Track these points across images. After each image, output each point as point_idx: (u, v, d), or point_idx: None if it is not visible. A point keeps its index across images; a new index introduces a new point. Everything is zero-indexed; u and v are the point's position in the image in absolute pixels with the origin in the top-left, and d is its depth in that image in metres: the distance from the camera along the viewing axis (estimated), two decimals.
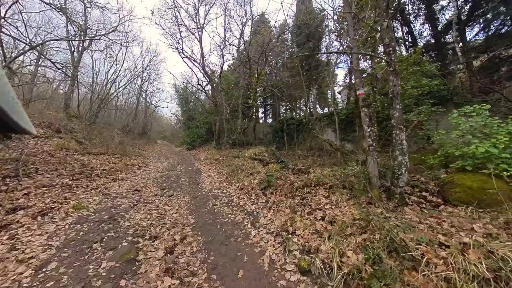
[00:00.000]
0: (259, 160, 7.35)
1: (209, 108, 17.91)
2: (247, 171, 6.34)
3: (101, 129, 13.20)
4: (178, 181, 6.49)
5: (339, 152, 5.48)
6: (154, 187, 5.86)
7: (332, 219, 3.09)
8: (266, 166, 7.04)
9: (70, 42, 12.47)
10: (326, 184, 4.38)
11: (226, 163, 7.80)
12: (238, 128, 13.45)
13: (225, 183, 6.05)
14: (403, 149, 3.38)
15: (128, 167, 8.34)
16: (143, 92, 21.41)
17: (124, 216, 3.76)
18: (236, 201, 4.57)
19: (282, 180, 4.88)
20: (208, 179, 6.69)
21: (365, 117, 3.76)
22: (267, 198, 4.42)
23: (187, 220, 3.69)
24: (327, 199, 3.78)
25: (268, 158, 7.84)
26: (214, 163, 8.93)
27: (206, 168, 8.44)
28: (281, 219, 3.45)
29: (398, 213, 3.11)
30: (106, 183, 5.83)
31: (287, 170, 6.43)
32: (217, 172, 7.39)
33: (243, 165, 6.81)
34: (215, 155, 10.29)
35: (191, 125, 18.87)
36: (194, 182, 6.35)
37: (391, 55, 3.52)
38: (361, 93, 3.83)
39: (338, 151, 5.57)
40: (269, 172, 6.00)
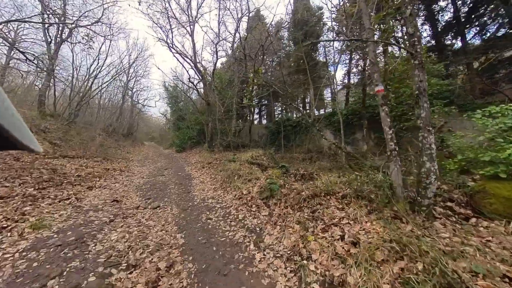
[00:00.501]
0: (257, 165, 6.82)
1: (201, 108, 17.22)
2: (245, 177, 5.80)
3: (80, 129, 12.21)
4: (165, 189, 5.83)
5: (349, 156, 5.04)
6: (137, 197, 5.18)
7: (354, 239, 2.61)
8: (265, 171, 6.52)
9: (45, 31, 11.49)
10: (338, 193, 3.92)
11: (220, 167, 7.21)
12: (233, 129, 12.88)
13: (220, 191, 5.46)
14: (432, 154, 2.97)
15: (109, 172, 7.55)
16: (129, 90, 20.39)
17: (96, 236, 3.11)
18: (234, 213, 4.01)
19: (286, 188, 4.37)
20: (200, 186, 6.07)
21: (385, 116, 3.34)
22: (270, 210, 3.89)
23: (175, 240, 3.09)
24: (342, 212, 3.30)
25: (267, 162, 7.33)
26: (206, 167, 8.30)
27: (198, 173, 7.80)
28: (290, 238, 2.93)
29: (431, 230, 2.67)
30: (80, 193, 5.09)
31: (289, 176, 5.93)
32: (211, 178, 6.78)
33: (239, 170, 6.26)
34: (207, 159, 9.66)
35: (182, 126, 18.09)
36: (184, 190, 5.72)
37: (416, 46, 3.13)
38: (380, 89, 3.42)
39: (348, 155, 5.13)
40: (269, 178, 5.49)
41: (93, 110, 18.53)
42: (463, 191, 3.49)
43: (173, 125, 23.98)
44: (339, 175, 5.58)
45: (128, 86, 19.13)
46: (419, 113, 3.07)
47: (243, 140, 11.59)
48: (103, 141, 11.83)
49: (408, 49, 3.15)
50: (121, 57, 17.21)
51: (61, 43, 12.27)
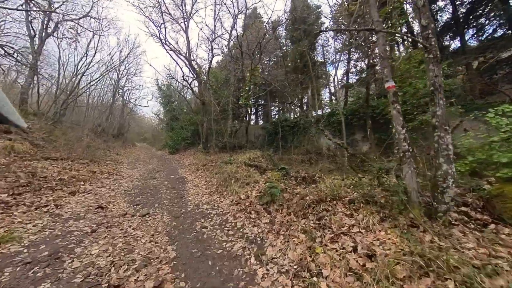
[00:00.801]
0: (255, 167, 6.54)
1: (196, 107, 16.84)
2: (242, 180, 5.50)
3: (66, 129, 11.64)
4: (156, 194, 5.46)
5: (354, 158, 4.82)
6: (124, 203, 4.80)
7: (369, 250, 2.35)
8: (264, 173, 6.24)
9: (29, 25, 10.94)
10: (344, 198, 3.67)
11: (216, 170, 6.89)
12: (228, 129, 12.56)
13: (215, 195, 5.14)
14: (450, 156, 2.76)
15: (95, 175, 7.11)
16: (120, 89, 19.78)
17: (74, 250, 2.75)
18: (232, 221, 3.71)
19: (288, 193, 4.10)
20: (194, 190, 5.73)
21: (397, 115, 3.12)
22: (271, 217, 3.60)
23: (166, 253, 2.77)
24: (351, 219, 3.05)
25: (265, 164, 7.06)
26: (201, 169, 7.96)
27: (192, 176, 7.45)
28: (296, 250, 2.65)
29: (452, 240, 2.45)
30: (60, 199, 4.68)
31: (289, 179, 5.68)
32: (205, 181, 6.45)
33: (236, 172, 5.96)
34: (202, 160, 9.31)
35: (175, 126, 17.64)
36: (177, 195, 5.37)
37: (430, 39, 2.93)
38: (391, 85, 3.20)
39: (353, 157, 4.91)
40: (269, 181, 5.21)
41: (82, 109, 17.87)
42: (477, 195, 3.30)
43: (166, 126, 23.46)
44: (343, 177, 5.36)
45: (119, 85, 18.56)
46: (435, 110, 2.87)
47: (239, 141, 11.29)
48: (90, 142, 11.30)
49: (422, 43, 2.95)
50: (111, 53, 16.64)
51: (46, 37, 11.72)
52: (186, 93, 20.81)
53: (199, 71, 12.78)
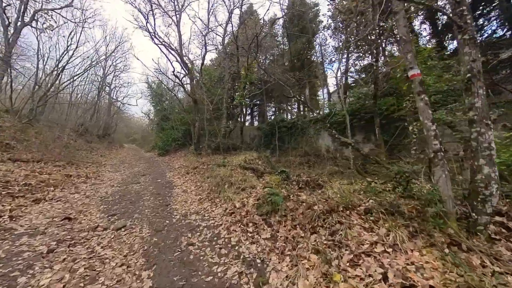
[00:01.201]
0: (251, 170, 5.98)
1: (188, 106, 16.17)
2: (238, 185, 4.94)
3: (41, 128, 10.75)
4: (138, 201, 4.82)
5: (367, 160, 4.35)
6: (98, 212, 4.15)
7: (405, 279, 1.84)
8: (261, 177, 5.70)
9: (2, 12, 10.08)
10: (358, 206, 3.18)
11: (208, 173, 6.30)
12: (222, 130, 11.97)
13: (206, 203, 4.55)
14: (492, 156, 2.30)
15: (70, 179, 6.38)
16: (107, 86, 18.88)
17: (16, 281, 2.11)
18: (225, 236, 3.13)
19: (292, 201, 3.57)
20: (182, 196, 5.11)
21: (425, 107, 2.65)
22: (273, 231, 3.06)
23: (139, 283, 2.17)
24: (372, 234, 2.55)
25: (263, 167, 6.52)
26: (191, 173, 7.34)
27: (181, 180, 6.82)
28: (307, 277, 2.11)
29: (506, 262, 1.97)
30: (20, 208, 3.98)
31: (290, 184, 5.15)
32: (196, 186, 5.84)
33: (231, 176, 5.39)
34: (193, 163, 8.68)
35: (166, 127, 16.90)
36: (162, 202, 4.74)
37: (465, 16, 2.49)
38: (416, 73, 2.74)
39: (370, 159, 4.44)
40: (268, 186, 4.67)
41: (64, 107, 16.88)
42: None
43: (156, 126, 22.66)
44: (350, 182, 4.90)
45: (105, 81, 17.69)
46: (472, 102, 2.41)
47: (234, 142, 10.71)
48: (70, 142, 10.47)
49: (455, 21, 2.50)
50: (96, 47, 15.77)
51: (22, 27, 10.86)
52: (177, 91, 20.14)
53: (191, 68, 12.18)
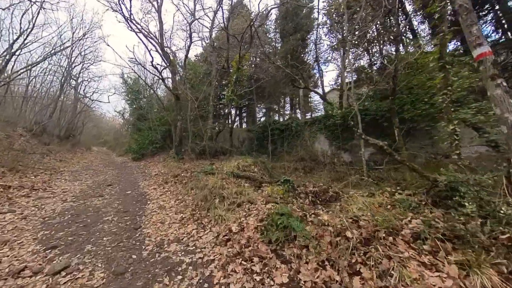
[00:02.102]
0: (246, 179, 5.11)
1: (169, 104, 14.96)
2: (232, 199, 4.04)
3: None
4: (95, 224, 3.71)
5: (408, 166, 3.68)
6: (34, 243, 3.02)
7: None
8: (260, 188, 4.85)
9: None
10: (401, 229, 2.46)
11: (193, 183, 5.31)
12: (209, 131, 10.98)
13: (191, 225, 3.59)
14: None
15: (7, 192, 5.05)
16: (73, 79, 16.98)
17: None
18: (220, 280, 2.22)
19: (311, 223, 2.76)
20: (157, 216, 4.09)
21: (504, 96, 2.00)
22: (291, 270, 2.20)
23: None
24: (439, 274, 1.81)
25: (260, 175, 5.67)
26: (171, 182, 6.28)
27: (158, 191, 5.74)
28: None
29: None
30: None
31: (298, 196, 4.36)
32: (176, 200, 4.83)
33: (222, 187, 4.47)
34: (173, 169, 7.60)
35: (142, 127, 15.48)
36: (129, 225, 3.69)
37: None
38: (486, 51, 2.10)
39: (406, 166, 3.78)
40: (271, 200, 3.84)
41: (20, 102, 14.79)
42: None
43: (132, 126, 21.00)
44: (370, 193, 4.23)
45: (70, 73, 15.84)
46: None
47: (223, 145, 9.76)
48: (15, 143, 8.85)
49: None
50: (60, 32, 13.99)
51: None
52: (157, 88, 18.77)
53: (173, 60, 11.11)
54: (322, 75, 15.57)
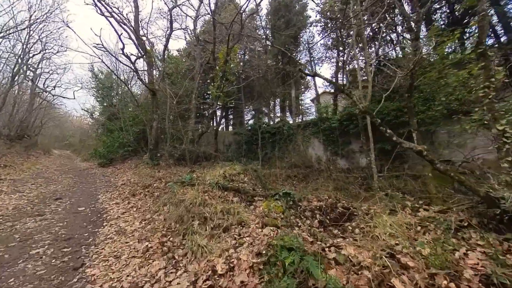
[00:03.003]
0: (235, 192, 4.26)
1: (144, 102, 13.76)
2: (217, 220, 3.19)
3: None
4: (13, 263, 2.66)
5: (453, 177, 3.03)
6: None
7: None
8: (252, 204, 4.03)
9: None
10: (462, 269, 1.78)
11: (166, 196, 4.36)
12: (190, 133, 9.99)
13: (157, 261, 2.66)
14: None
15: None
16: (30, 70, 15.15)
17: None
18: None
19: (339, 265, 1.98)
20: (113, 246, 3.10)
21: None
22: None
23: None
24: None
25: (251, 186, 4.85)
26: (140, 195, 5.26)
27: (120, 207, 4.69)
28: None
29: None
30: None
31: (301, 214, 3.59)
32: (143, 220, 3.85)
33: (204, 204, 3.59)
34: (145, 178, 6.54)
35: (113, 128, 14.08)
36: (67, 263, 2.68)
37: None
38: None
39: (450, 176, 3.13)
40: (270, 222, 3.05)
41: None
42: None
43: (102, 127, 19.34)
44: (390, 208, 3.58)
45: (26, 63, 14.07)
46: None
47: (206, 150, 8.82)
48: None
49: None
50: (13, 11, 12.23)
51: None
52: (133, 84, 17.43)
53: (150, 51, 10.07)
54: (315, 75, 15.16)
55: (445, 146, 8.50)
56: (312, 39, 15.67)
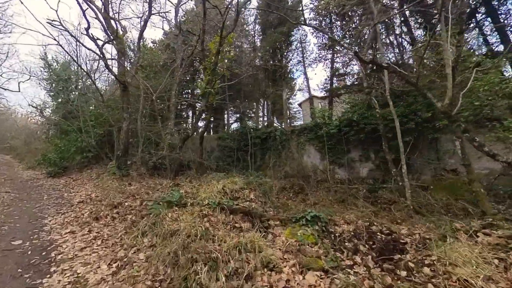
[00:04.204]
0: (243, 215, 3.40)
1: (113, 99, 12.25)
2: (233, 263, 2.31)
3: None
4: None
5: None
6: None
7: None
8: (267, 230, 3.20)
9: None
10: None
11: (147, 222, 3.34)
12: (168, 137, 8.85)
13: None
14: None
15: None
16: None
17: None
18: None
19: None
20: None
21: None
22: None
23: None
24: None
25: (261, 204, 4.02)
26: (107, 218, 4.11)
27: (78, 238, 3.51)
28: None
29: None
30: None
31: (341, 245, 2.85)
32: (113, 260, 2.79)
33: (207, 235, 2.69)
34: (113, 194, 5.33)
35: (70, 128, 12.32)
36: None
37: None
38: None
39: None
40: (306, 262, 2.26)
41: None
42: None
43: (54, 127, 17.23)
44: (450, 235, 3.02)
45: None
46: None
47: (191, 157, 7.76)
48: None
49: None
50: None
51: None
52: (96, 78, 15.69)
53: (122, 36, 8.84)
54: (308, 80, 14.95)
55: (450, 155, 8.51)
56: (305, 38, 15.54)
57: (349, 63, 12.60)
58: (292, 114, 22.54)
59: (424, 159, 8.93)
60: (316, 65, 14.01)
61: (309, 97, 16.83)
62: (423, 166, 8.81)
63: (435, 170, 8.72)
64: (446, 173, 8.79)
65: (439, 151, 9.00)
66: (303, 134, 11.83)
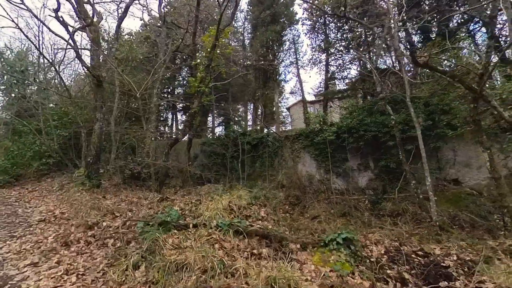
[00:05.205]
0: (262, 238, 2.98)
1: (82, 95, 11.25)
2: None
3: None
4: None
5: None
6: None
7: None
8: (290, 257, 2.81)
9: None
10: None
11: (135, 248, 2.79)
12: (149, 141, 8.15)
13: None
14: None
15: None
16: None
17: None
18: None
19: None
20: None
21: None
22: None
23: None
24: None
25: (274, 223, 3.61)
26: (80, 243, 3.46)
27: (43, 274, 2.84)
28: None
29: None
30: None
31: (386, 274, 2.54)
32: None
33: (223, 267, 2.23)
34: (85, 210, 4.61)
35: (26, 129, 11.12)
36: None
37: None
38: None
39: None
40: None
41: None
42: None
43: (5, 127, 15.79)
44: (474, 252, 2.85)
45: None
46: None
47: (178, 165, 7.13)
48: None
49: None
50: None
51: None
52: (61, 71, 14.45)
53: (96, 23, 8.07)
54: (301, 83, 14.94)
55: (451, 165, 8.74)
56: (298, 38, 15.60)
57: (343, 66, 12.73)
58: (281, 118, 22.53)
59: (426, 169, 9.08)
60: (311, 67, 13.99)
61: (299, 101, 16.85)
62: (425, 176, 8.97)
63: (436, 180, 8.87)
64: (447, 183, 8.98)
65: (441, 160, 9.18)
66: (297, 141, 11.63)
